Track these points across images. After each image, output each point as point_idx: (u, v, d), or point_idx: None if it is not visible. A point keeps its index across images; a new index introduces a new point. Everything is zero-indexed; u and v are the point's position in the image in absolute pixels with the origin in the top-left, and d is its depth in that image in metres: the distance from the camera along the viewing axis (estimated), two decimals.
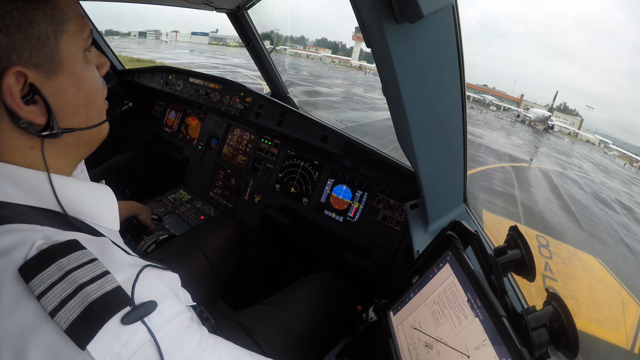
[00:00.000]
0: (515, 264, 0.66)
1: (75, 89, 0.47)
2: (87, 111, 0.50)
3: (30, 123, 0.44)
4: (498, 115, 42.20)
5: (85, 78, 0.49)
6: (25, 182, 0.44)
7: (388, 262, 1.39)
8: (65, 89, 0.46)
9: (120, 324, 0.36)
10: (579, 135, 48.69)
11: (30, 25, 0.41)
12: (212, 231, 1.26)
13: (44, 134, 0.45)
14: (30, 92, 0.43)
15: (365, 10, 0.58)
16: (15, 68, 0.41)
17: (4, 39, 0.40)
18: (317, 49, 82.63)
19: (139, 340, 0.37)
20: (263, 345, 0.87)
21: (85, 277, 0.37)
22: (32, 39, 0.42)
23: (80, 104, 0.49)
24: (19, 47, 0.41)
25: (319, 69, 40.42)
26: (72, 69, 0.47)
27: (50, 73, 0.44)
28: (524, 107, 56.97)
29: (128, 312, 0.37)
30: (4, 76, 0.40)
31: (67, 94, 0.47)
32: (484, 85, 71.97)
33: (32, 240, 0.38)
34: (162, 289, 0.43)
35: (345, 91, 23.08)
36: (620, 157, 39.98)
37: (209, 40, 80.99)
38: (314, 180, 1.62)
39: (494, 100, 53.09)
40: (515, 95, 68.37)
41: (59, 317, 0.34)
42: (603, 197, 13.29)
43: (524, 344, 0.50)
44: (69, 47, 0.46)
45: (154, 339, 0.38)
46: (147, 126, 2.35)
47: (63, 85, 0.46)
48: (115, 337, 0.35)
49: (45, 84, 0.44)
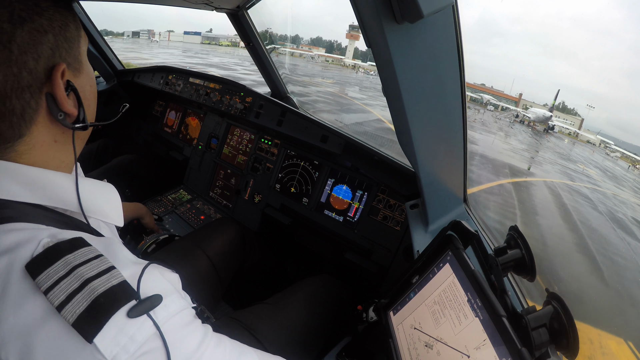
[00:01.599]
0: (516, 264, 0.66)
1: (89, 87, 0.53)
2: (94, 107, 0.56)
3: (66, 116, 0.47)
4: (496, 116, 41.05)
5: (92, 77, 0.54)
6: (31, 180, 0.45)
7: (388, 262, 1.39)
8: (85, 86, 0.52)
9: (126, 317, 0.36)
10: (579, 136, 47.65)
11: (66, 28, 0.47)
12: (214, 234, 1.26)
13: (77, 125, 0.49)
14: (68, 87, 0.47)
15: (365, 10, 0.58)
16: (63, 65, 0.46)
17: (53, 39, 0.45)
18: (311, 48, 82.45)
19: (145, 333, 0.37)
20: (264, 342, 0.88)
21: (92, 272, 0.37)
22: (67, 41, 0.47)
23: (92, 100, 0.55)
24: (60, 47, 0.46)
25: (310, 68, 39.64)
26: (87, 69, 0.53)
27: (76, 72, 0.50)
28: (523, 106, 55.51)
29: (134, 306, 0.37)
30: (55, 71, 0.45)
31: (85, 90, 0.52)
32: (482, 84, 70.37)
33: (39, 239, 0.38)
34: (166, 285, 0.43)
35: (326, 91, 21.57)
36: (622, 159, 39.19)
37: (201, 40, 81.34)
38: (314, 180, 1.62)
39: (491, 100, 52.00)
40: (513, 95, 66.93)
41: (66, 311, 0.35)
42: (620, 217, 10.82)
43: (524, 344, 0.50)
44: (83, 49, 0.52)
45: (160, 332, 0.38)
46: (147, 126, 2.35)
47: (83, 82, 0.51)
48: (121, 330, 0.36)
49: (73, 81, 0.49)
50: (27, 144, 0.46)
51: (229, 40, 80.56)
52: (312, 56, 59.61)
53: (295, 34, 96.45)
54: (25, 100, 0.43)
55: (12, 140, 0.44)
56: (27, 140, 0.45)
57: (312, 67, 41.72)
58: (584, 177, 16.73)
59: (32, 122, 0.45)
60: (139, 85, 2.22)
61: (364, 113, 16.11)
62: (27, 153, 0.46)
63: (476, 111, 40.01)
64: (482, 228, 1.08)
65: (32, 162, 0.46)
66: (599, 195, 13.17)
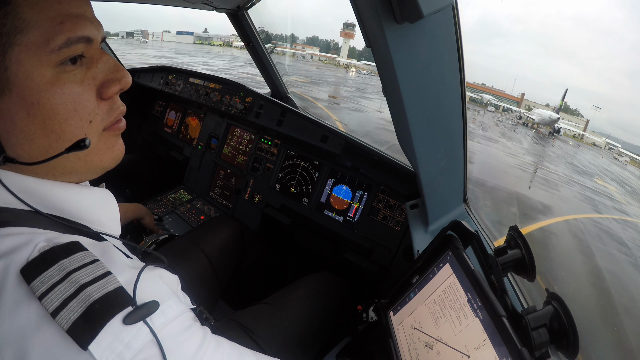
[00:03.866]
0: (515, 264, 0.66)
1: (25, 114, 0.40)
2: (48, 141, 0.42)
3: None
4: (497, 117, 37.91)
5: (42, 102, 0.40)
6: (26, 188, 0.44)
7: (388, 262, 1.39)
8: (13, 113, 0.39)
9: (122, 324, 0.36)
10: (584, 138, 45.55)
11: None
12: (213, 231, 1.26)
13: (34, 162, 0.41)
14: None
15: (365, 10, 0.58)
16: None
17: None
18: (304, 47, 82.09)
19: (141, 340, 0.36)
20: (263, 344, 0.87)
21: (87, 277, 0.36)
22: None
23: (36, 133, 0.41)
24: None
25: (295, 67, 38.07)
26: (23, 90, 0.39)
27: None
28: (525, 106, 53.49)
29: (130, 312, 0.36)
30: None
31: (16, 119, 0.40)
32: (482, 84, 68.51)
33: (35, 243, 0.38)
34: (164, 290, 0.42)
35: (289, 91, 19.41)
36: (631, 163, 36.84)
37: (194, 40, 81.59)
38: (314, 180, 1.62)
39: (492, 100, 49.31)
40: (515, 94, 64.91)
41: (61, 317, 0.34)
42: None
43: (524, 344, 0.50)
44: (22, 63, 0.38)
45: (157, 339, 0.37)
46: (147, 126, 2.35)
47: (9, 108, 0.39)
48: (117, 337, 0.35)
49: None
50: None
51: (221, 40, 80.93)
52: (303, 55, 57.74)
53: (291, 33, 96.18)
54: None
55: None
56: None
57: (301, 67, 40.14)
58: (606, 199, 13.66)
59: None
60: (139, 85, 2.22)
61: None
62: (26, 167, 0.43)
63: (476, 112, 37.53)
64: (482, 228, 1.08)
65: (34, 173, 0.44)
66: (633, 233, 9.42)
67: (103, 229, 0.51)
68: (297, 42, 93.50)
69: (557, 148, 25.80)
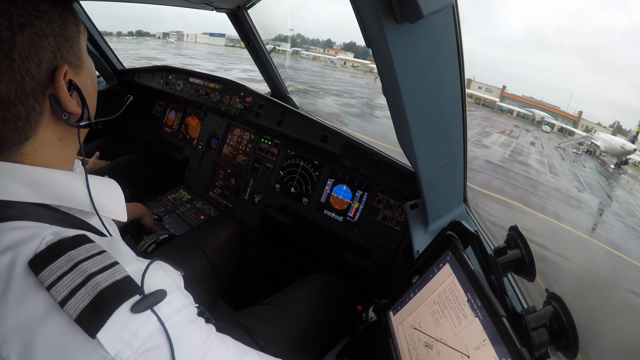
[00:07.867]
0: (515, 264, 0.66)
1: (90, 82, 0.52)
2: (95, 102, 0.55)
3: (70, 115, 0.47)
4: (556, 141, 27.26)
5: (94, 71, 0.54)
6: (37, 180, 0.45)
7: (388, 262, 1.39)
8: (86, 82, 0.51)
9: (130, 313, 0.36)
10: None
11: (66, 27, 0.47)
12: (213, 231, 1.26)
13: (82, 123, 0.49)
14: (70, 87, 0.47)
15: (365, 10, 0.58)
16: (65, 66, 0.45)
17: (53, 41, 0.44)
18: (337, 52, 79.94)
19: (149, 329, 0.37)
20: (264, 345, 0.88)
21: (95, 267, 0.37)
22: (67, 40, 0.47)
23: (93, 95, 0.54)
24: (61, 48, 0.46)
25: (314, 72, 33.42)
26: (88, 64, 0.52)
27: (77, 69, 0.49)
28: (583, 127, 42.23)
29: (138, 301, 0.37)
30: (57, 73, 0.45)
31: (87, 87, 0.51)
32: (530, 97, 52.08)
33: (42, 236, 0.38)
34: (170, 282, 0.43)
35: None
36: None
37: (225, 42, 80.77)
38: (314, 180, 1.62)
39: (546, 118, 37.27)
40: (570, 112, 48.72)
41: (69, 306, 0.35)
42: None
43: (524, 344, 0.50)
44: (83, 44, 0.51)
45: (164, 327, 0.38)
46: (147, 126, 2.35)
47: (84, 79, 0.51)
48: (125, 325, 0.36)
49: (75, 79, 0.48)
50: (33, 145, 0.46)
51: None
52: (332, 60, 53.23)
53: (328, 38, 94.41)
54: (29, 105, 0.43)
55: (18, 144, 0.45)
56: (32, 142, 0.46)
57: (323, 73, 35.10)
58: None
59: (37, 124, 0.45)
60: (139, 85, 2.22)
61: None
62: (32, 154, 0.46)
63: (526, 132, 27.52)
64: (481, 228, 1.08)
65: (38, 162, 0.46)
66: None
67: (110, 215, 0.53)
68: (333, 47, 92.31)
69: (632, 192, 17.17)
